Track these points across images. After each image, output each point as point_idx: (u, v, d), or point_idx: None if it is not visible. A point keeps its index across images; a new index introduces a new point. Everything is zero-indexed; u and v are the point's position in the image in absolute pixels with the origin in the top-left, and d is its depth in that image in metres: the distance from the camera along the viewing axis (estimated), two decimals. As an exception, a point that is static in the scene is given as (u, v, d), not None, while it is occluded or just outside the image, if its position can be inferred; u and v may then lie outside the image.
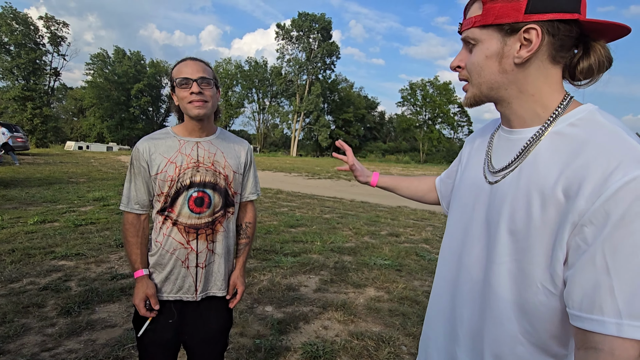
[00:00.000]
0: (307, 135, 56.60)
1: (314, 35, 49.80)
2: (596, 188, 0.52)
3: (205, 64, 1.25)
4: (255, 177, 1.46)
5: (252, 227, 1.46)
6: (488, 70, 0.65)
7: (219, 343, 1.41)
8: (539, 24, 0.58)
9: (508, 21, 0.60)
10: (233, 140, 1.40)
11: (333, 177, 16.78)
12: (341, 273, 3.70)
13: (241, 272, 1.41)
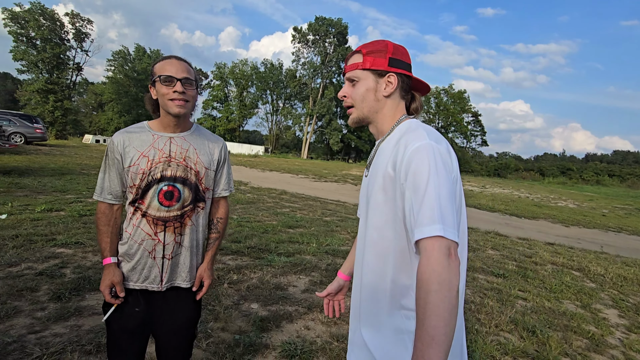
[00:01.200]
0: (318, 138, 56.77)
1: (330, 39, 50.06)
2: (403, 157, 0.85)
3: (189, 65, 1.31)
4: (229, 174, 1.48)
5: (223, 222, 1.48)
6: (368, 99, 1.01)
7: (186, 334, 1.44)
8: (396, 74, 0.98)
9: (380, 68, 0.98)
10: (208, 137, 1.43)
11: (339, 181, 16.78)
12: (332, 275, 3.70)
13: (209, 266, 1.43)
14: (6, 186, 6.68)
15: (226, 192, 1.47)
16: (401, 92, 1.02)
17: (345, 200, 10.23)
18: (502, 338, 2.81)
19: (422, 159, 0.82)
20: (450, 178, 0.83)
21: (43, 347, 2.04)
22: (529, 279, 4.42)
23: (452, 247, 0.75)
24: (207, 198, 1.41)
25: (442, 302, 0.69)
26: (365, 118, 1.03)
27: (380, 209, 0.92)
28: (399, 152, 0.88)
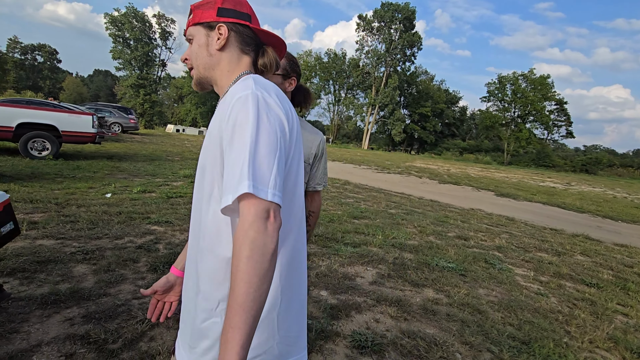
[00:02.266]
0: (380, 129, 55.63)
1: (396, 25, 48.21)
2: (227, 110, 0.74)
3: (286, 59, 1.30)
4: (325, 169, 1.47)
5: (314, 216, 1.49)
6: (201, 55, 0.89)
7: None
8: (225, 23, 0.87)
9: (208, 20, 0.87)
10: (308, 130, 1.42)
11: (403, 173, 16.29)
12: (399, 269, 3.62)
13: None
14: (110, 169, 7.73)
15: (320, 187, 1.46)
16: (240, 45, 0.89)
17: (410, 192, 9.90)
18: (599, 357, 2.49)
19: (243, 110, 0.71)
20: (274, 132, 0.72)
21: (144, 312, 2.33)
22: (630, 291, 3.83)
23: (271, 210, 0.66)
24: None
25: (254, 268, 0.62)
26: (204, 78, 0.91)
27: (207, 171, 0.80)
28: (225, 110, 0.76)
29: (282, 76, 1.28)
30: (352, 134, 71.25)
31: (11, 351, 1.82)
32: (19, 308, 2.21)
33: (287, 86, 1.31)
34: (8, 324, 2.03)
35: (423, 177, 15.56)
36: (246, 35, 0.89)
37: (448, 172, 20.06)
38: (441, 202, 8.87)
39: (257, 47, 0.92)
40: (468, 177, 18.14)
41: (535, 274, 4.09)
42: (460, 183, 14.54)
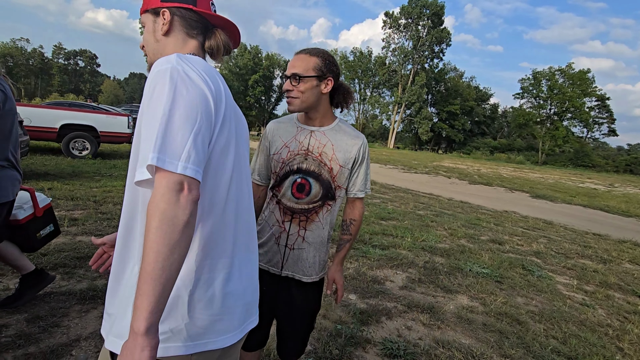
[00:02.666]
0: (406, 128, 54.66)
1: (424, 22, 47.10)
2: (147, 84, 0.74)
3: (309, 55, 1.25)
4: (367, 175, 1.38)
5: (356, 225, 1.41)
6: (150, 42, 0.90)
7: (303, 323, 1.45)
8: (168, 8, 0.87)
9: (153, 6, 0.88)
10: (348, 133, 1.35)
11: (431, 173, 15.87)
12: (431, 274, 3.49)
13: (338, 267, 1.42)
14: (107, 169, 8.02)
15: (362, 194, 1.38)
16: (185, 29, 0.89)
17: (438, 193, 9.61)
18: (657, 377, 2.26)
19: (160, 83, 0.70)
20: (194, 107, 0.70)
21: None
22: (689, 305, 3.49)
23: (185, 182, 0.65)
24: (339, 197, 1.36)
25: (162, 238, 0.62)
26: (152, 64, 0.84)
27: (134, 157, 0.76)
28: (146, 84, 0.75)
29: (317, 78, 1.23)
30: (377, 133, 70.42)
31: (52, 345, 1.89)
32: (60, 302, 2.30)
33: (323, 87, 1.26)
34: (50, 318, 2.11)
35: (452, 177, 15.08)
36: (191, 19, 0.88)
37: (478, 172, 19.34)
38: (472, 203, 8.54)
39: (205, 30, 0.91)
40: (500, 177, 17.41)
41: (579, 282, 3.82)
42: (492, 183, 13.96)
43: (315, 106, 1.29)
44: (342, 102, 1.34)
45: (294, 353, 1.50)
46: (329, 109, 1.34)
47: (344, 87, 1.33)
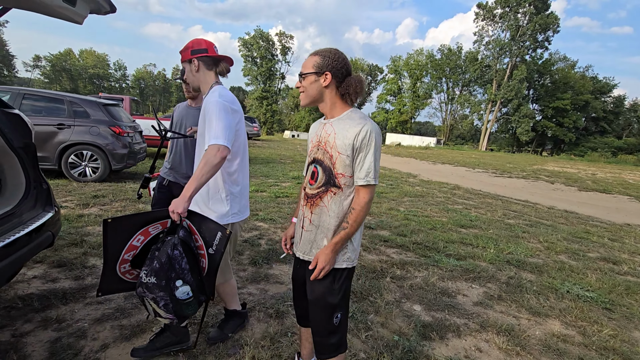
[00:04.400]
0: (502, 128, 49.28)
1: (524, 9, 41.98)
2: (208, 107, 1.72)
3: (312, 56, 1.41)
4: (370, 163, 1.33)
5: (354, 213, 1.37)
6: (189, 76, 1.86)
7: (321, 309, 1.46)
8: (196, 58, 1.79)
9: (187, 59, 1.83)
10: (352, 121, 1.37)
11: (529, 177, 13.98)
12: (514, 292, 3.06)
13: (326, 250, 1.40)
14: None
15: (362, 181, 1.35)
16: (206, 67, 1.80)
17: (536, 200, 8.40)
18: None
19: (214, 110, 1.64)
20: (229, 117, 1.66)
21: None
22: None
23: (221, 148, 1.56)
24: (344, 184, 1.40)
25: (208, 169, 1.53)
26: (196, 88, 1.87)
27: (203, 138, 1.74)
28: (206, 107, 1.71)
29: (315, 73, 1.38)
30: (467, 134, 65.03)
31: (139, 320, 2.20)
32: (150, 284, 2.67)
33: (322, 81, 1.38)
34: (140, 297, 2.47)
35: (556, 182, 13.04)
36: (207, 60, 1.80)
37: (593, 177, 16.31)
38: (580, 213, 7.24)
39: (215, 63, 1.82)
40: (624, 183, 14.39)
41: None
42: (612, 191, 11.63)
43: (320, 99, 1.42)
44: (348, 95, 1.39)
45: (320, 349, 1.52)
46: (337, 101, 1.42)
47: (351, 81, 1.38)
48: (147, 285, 1.48)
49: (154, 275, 1.46)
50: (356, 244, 1.47)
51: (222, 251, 1.53)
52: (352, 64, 1.50)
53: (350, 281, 1.51)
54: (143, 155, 7.13)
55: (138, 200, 5.03)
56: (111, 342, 1.99)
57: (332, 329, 1.47)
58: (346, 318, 1.53)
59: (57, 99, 6.02)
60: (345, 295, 1.49)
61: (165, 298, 1.48)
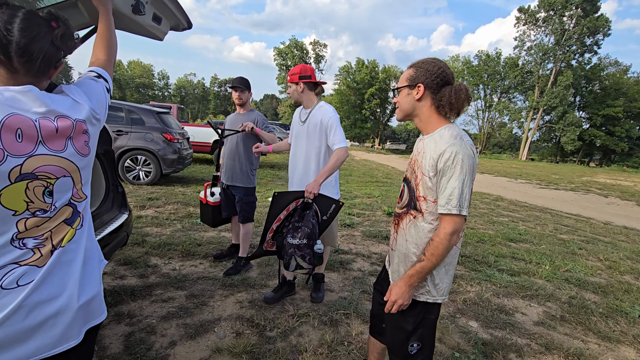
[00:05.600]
0: (544, 136, 46.69)
1: (571, 11, 39.83)
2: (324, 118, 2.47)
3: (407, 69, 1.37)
4: (453, 189, 1.17)
5: (432, 244, 1.22)
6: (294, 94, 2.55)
7: (393, 326, 1.40)
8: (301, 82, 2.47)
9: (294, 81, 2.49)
10: (441, 139, 1.23)
11: (578, 190, 13.11)
12: (579, 313, 2.87)
13: (400, 282, 1.29)
14: (271, 177, 9.08)
15: (442, 209, 1.19)
16: (309, 88, 2.47)
17: (589, 215, 7.85)
18: None
19: (334, 120, 2.36)
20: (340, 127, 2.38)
21: (295, 307, 2.57)
22: None
23: (345, 149, 2.32)
24: (426, 210, 1.26)
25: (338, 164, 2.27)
26: (298, 102, 2.52)
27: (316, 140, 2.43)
28: (323, 117, 2.38)
29: (408, 87, 1.31)
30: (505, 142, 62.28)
31: (202, 320, 2.30)
32: (208, 285, 2.79)
33: (415, 94, 1.29)
34: (201, 297, 2.58)
35: (610, 196, 12.12)
36: (310, 84, 2.44)
37: (653, 191, 14.99)
38: (643, 231, 6.67)
39: (316, 85, 2.48)
40: (690, 199, 13.09)
41: None
42: (676, 207, 10.61)
43: (414, 114, 1.32)
44: (442, 107, 1.25)
45: None
46: (432, 115, 1.29)
47: (446, 90, 1.23)
48: (299, 246, 2.00)
49: (305, 238, 1.98)
50: (445, 276, 1.30)
51: (333, 218, 2.21)
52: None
53: (432, 314, 1.35)
54: (190, 160, 7.48)
55: (187, 204, 5.27)
56: (178, 340, 2.09)
57: (406, 356, 1.38)
58: (428, 353, 1.39)
59: (116, 107, 6.49)
60: (425, 326, 1.35)
61: (309, 254, 1.98)
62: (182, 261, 3.22)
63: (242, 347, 2.02)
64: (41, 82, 0.85)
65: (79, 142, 0.89)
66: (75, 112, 0.88)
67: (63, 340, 0.89)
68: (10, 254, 0.80)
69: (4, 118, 0.75)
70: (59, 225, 0.88)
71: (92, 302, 0.97)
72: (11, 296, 0.80)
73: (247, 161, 3.00)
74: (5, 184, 0.76)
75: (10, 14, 0.78)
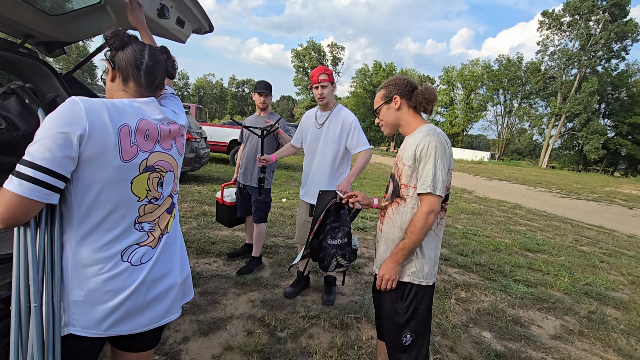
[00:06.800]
0: (566, 144, 45.25)
1: (597, 16, 38.61)
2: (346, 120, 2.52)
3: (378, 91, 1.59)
4: (428, 171, 1.32)
5: (411, 223, 1.36)
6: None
7: (389, 324, 1.48)
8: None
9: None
10: (419, 134, 1.42)
11: (601, 200, 12.65)
12: (598, 329, 2.77)
13: (386, 261, 1.43)
14: (286, 178, 9.14)
15: (419, 189, 1.36)
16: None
17: (612, 227, 7.57)
18: None
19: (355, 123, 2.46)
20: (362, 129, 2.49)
21: (306, 309, 2.58)
22: None
23: (370, 150, 2.47)
24: (407, 195, 1.42)
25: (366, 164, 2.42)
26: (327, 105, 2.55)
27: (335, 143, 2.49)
28: (345, 119, 2.47)
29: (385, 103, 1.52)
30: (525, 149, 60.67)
31: (214, 317, 2.34)
32: (221, 283, 2.83)
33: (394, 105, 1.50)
34: (214, 295, 2.63)
35: (635, 208, 11.65)
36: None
37: (682, 204, 14.32)
38: (670, 245, 6.38)
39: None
40: None
41: None
42: None
43: (398, 123, 1.50)
44: (420, 105, 1.45)
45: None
46: (413, 120, 1.48)
47: (419, 94, 1.44)
48: (340, 245, 1.98)
49: (346, 237, 1.97)
50: (425, 259, 1.41)
51: (355, 216, 2.19)
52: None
53: (422, 304, 1.43)
54: (207, 159, 7.61)
55: (203, 203, 5.37)
56: (191, 336, 2.13)
57: (402, 348, 1.45)
58: (422, 343, 1.45)
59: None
60: (417, 318, 1.42)
61: (348, 251, 1.99)
62: (197, 258, 3.28)
63: (253, 346, 2.05)
64: (153, 96, 1.05)
65: (179, 143, 1.08)
66: (178, 119, 1.09)
67: (169, 313, 1.06)
68: (133, 236, 0.96)
69: (138, 122, 0.93)
70: (163, 214, 1.04)
71: (187, 280, 1.16)
72: (137, 273, 0.97)
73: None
74: (136, 173, 0.94)
75: (141, 45, 1.01)
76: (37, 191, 0.80)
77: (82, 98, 0.87)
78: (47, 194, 0.82)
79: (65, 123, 0.82)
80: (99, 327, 0.92)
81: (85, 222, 0.89)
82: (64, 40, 2.18)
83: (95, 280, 0.91)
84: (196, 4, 1.90)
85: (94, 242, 0.90)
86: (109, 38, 0.97)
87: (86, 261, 0.90)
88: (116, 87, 1.00)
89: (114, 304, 0.93)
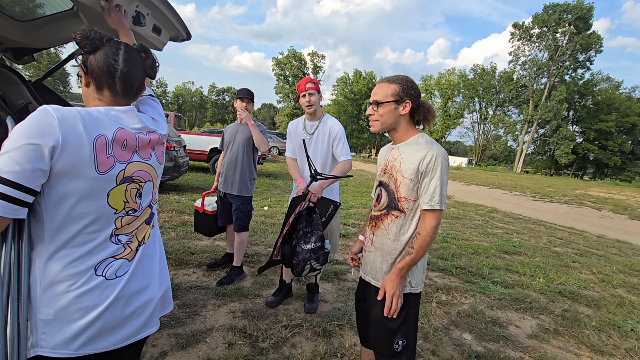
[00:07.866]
0: (538, 149, 47.22)
1: (564, 28, 40.82)
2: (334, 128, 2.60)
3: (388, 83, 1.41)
4: (435, 187, 1.31)
5: (420, 238, 1.33)
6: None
7: (379, 333, 1.46)
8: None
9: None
10: (418, 146, 1.38)
11: (572, 203, 13.22)
12: (572, 326, 2.88)
13: (391, 276, 1.37)
14: (267, 186, 9.07)
15: (426, 205, 1.32)
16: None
17: (583, 228, 7.91)
18: None
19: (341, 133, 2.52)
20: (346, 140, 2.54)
21: (289, 318, 2.55)
22: None
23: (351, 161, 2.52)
24: (407, 209, 1.39)
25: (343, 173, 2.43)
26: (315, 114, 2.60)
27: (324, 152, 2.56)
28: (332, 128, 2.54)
29: (395, 102, 1.38)
30: (500, 155, 62.88)
31: (193, 330, 2.27)
32: (201, 295, 2.76)
33: (401, 109, 1.39)
34: (193, 307, 2.56)
35: (603, 209, 12.24)
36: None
37: (645, 205, 15.15)
38: (634, 244, 6.73)
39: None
40: (682, 213, 13.23)
41: None
42: (668, 221, 10.72)
43: (394, 126, 1.43)
44: (423, 120, 1.44)
45: None
46: (409, 127, 1.44)
47: (424, 107, 1.42)
48: (314, 249, 2.01)
49: (319, 241, 2.01)
50: (417, 269, 1.42)
51: (331, 219, 2.32)
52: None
53: (413, 309, 1.44)
54: (186, 168, 7.46)
55: (182, 212, 5.25)
56: (169, 350, 2.06)
57: (393, 354, 1.44)
58: (412, 348, 1.47)
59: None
60: (408, 322, 1.43)
61: (322, 254, 2.01)
62: (175, 270, 3.19)
63: (234, 358, 2.00)
64: (131, 103, 1.00)
65: (159, 152, 1.04)
66: (158, 127, 1.04)
67: (146, 327, 1.02)
68: (108, 249, 0.92)
69: (115, 132, 0.88)
70: (142, 225, 1.00)
71: (167, 292, 1.11)
72: (112, 287, 0.92)
73: (248, 171, 3.01)
74: (112, 185, 0.89)
75: (116, 47, 0.93)
76: (4, 207, 0.75)
77: (55, 107, 0.82)
78: (14, 209, 0.77)
79: (36, 134, 0.77)
80: (69, 346, 0.86)
81: (57, 237, 0.84)
82: (34, 47, 2.10)
83: (66, 297, 0.85)
84: (173, 12, 1.88)
85: (65, 257, 0.85)
86: (80, 40, 0.90)
87: (57, 277, 0.84)
88: (92, 93, 0.95)
89: (87, 321, 0.87)
